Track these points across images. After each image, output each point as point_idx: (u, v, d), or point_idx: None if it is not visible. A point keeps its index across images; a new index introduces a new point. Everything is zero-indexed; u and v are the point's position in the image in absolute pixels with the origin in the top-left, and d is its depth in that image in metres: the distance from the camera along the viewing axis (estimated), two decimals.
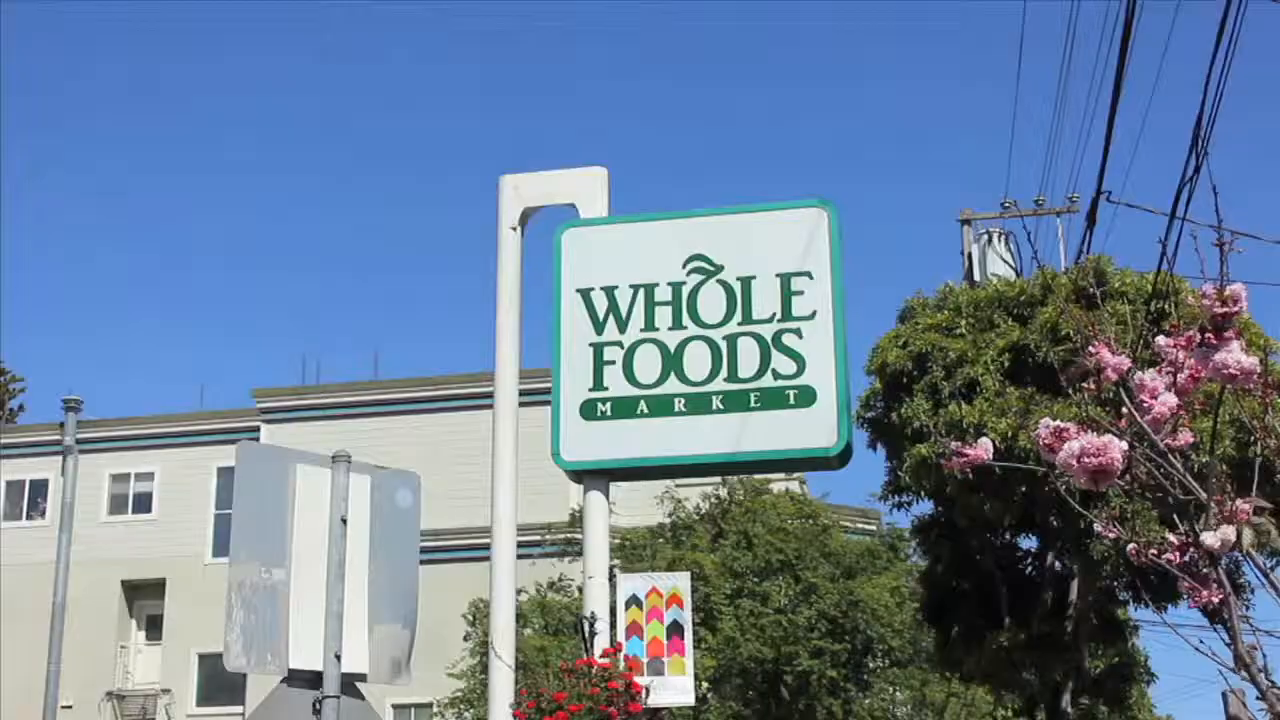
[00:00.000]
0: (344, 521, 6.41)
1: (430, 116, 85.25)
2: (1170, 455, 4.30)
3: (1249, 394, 4.32)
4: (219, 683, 33.36)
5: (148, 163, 76.93)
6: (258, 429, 35.17)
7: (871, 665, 28.14)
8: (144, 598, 36.44)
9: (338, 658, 6.20)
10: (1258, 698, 4.28)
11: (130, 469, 36.84)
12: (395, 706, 30.80)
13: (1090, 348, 4.35)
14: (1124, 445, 4.12)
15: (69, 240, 75.97)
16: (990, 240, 26.30)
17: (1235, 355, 3.96)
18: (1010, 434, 16.45)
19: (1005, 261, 25.43)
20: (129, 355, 78.22)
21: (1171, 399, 4.19)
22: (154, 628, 36.43)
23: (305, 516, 6.37)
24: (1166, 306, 15.70)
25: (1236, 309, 3.99)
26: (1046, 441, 4.21)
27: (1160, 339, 4.28)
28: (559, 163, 10.87)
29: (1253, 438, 4.81)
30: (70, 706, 32.61)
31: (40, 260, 73.94)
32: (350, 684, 6.29)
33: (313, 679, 6.18)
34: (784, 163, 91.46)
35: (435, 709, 29.03)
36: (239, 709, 31.08)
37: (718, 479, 27.41)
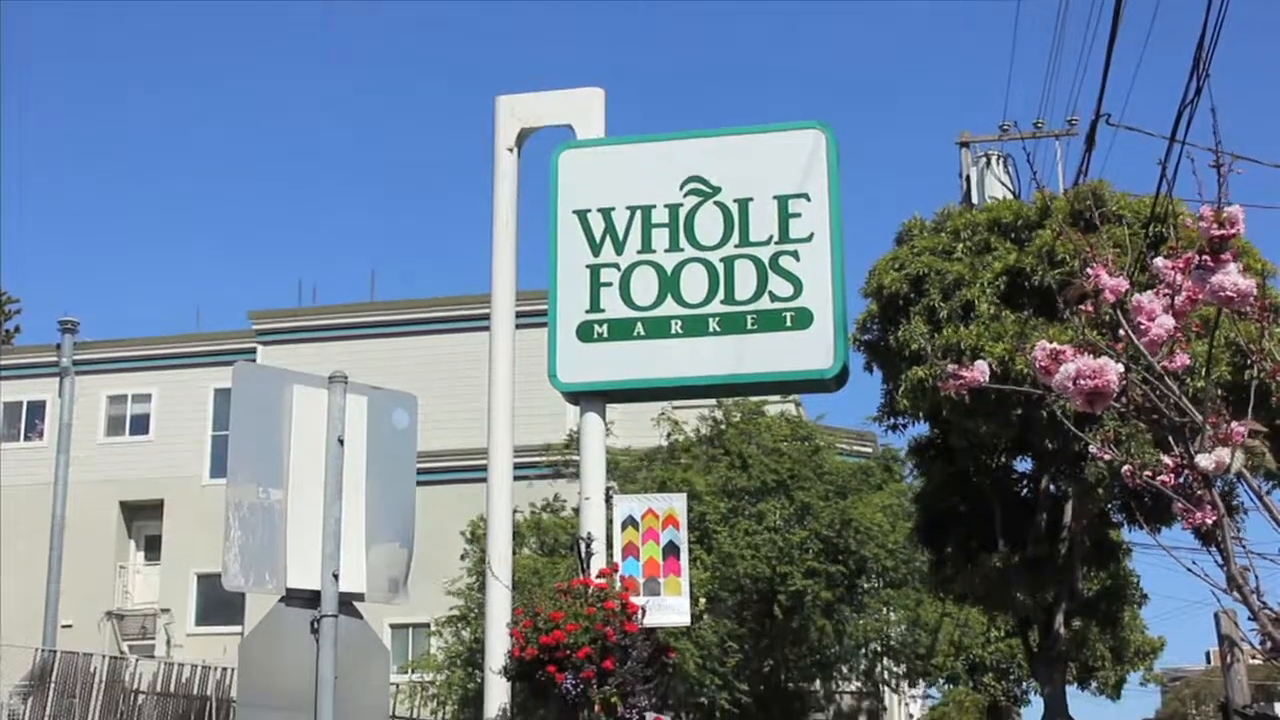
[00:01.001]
0: (341, 442, 6.41)
1: (428, 37, 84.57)
2: (1166, 378, 4.30)
3: (1245, 317, 4.31)
4: (217, 602, 33.56)
5: (145, 78, 76.35)
6: (254, 350, 35.15)
7: (865, 586, 28.27)
8: (142, 518, 36.60)
9: (335, 577, 6.22)
10: (1250, 618, 4.31)
11: (127, 390, 36.87)
12: (393, 626, 31.01)
13: (1089, 269, 4.32)
14: (1120, 367, 4.11)
15: (64, 160, 75.56)
16: (988, 163, 26.16)
17: (1232, 277, 3.95)
18: (1007, 357, 16.46)
19: (1003, 184, 25.32)
20: (126, 276, 78.05)
21: (1169, 321, 4.17)
22: (152, 548, 36.61)
23: (302, 437, 6.37)
24: (1165, 230, 15.66)
25: (1234, 231, 3.97)
26: (1043, 363, 4.20)
27: (1158, 261, 4.25)
28: (556, 85, 10.75)
29: (1249, 361, 4.80)
30: (70, 626, 32.85)
31: (36, 181, 73.57)
32: (348, 603, 6.32)
33: (311, 598, 6.21)
34: (782, 85, 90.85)
35: (433, 628, 29.24)
36: (237, 628, 31.28)
37: (714, 401, 27.42)
